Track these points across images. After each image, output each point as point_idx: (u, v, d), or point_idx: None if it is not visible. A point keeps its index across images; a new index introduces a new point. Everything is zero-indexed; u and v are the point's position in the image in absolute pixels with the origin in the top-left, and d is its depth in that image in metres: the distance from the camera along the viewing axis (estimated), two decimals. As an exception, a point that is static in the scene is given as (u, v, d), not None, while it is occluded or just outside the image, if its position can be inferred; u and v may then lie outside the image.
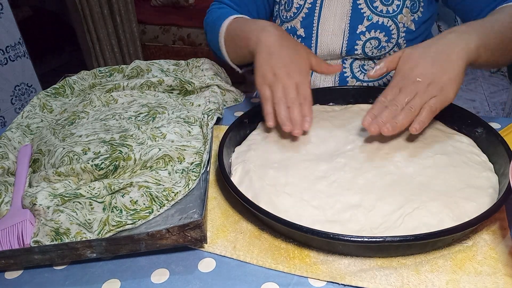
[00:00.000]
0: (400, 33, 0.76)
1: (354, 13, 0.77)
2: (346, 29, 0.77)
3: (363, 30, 0.76)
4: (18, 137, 0.70)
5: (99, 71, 0.88)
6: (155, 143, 0.63)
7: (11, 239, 0.51)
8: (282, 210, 0.50)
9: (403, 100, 0.57)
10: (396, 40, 0.77)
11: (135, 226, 0.53)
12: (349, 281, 0.44)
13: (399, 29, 0.76)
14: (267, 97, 0.63)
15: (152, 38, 2.81)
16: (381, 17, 0.75)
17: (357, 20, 0.76)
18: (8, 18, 1.74)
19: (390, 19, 0.75)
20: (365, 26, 0.76)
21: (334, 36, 0.78)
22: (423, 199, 0.50)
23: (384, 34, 0.76)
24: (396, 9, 0.75)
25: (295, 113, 0.62)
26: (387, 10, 0.75)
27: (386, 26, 0.75)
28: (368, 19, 0.76)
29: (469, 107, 2.30)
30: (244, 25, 0.72)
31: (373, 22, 0.76)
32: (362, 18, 0.76)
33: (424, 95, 0.56)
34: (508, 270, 0.44)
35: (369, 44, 0.77)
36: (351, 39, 0.77)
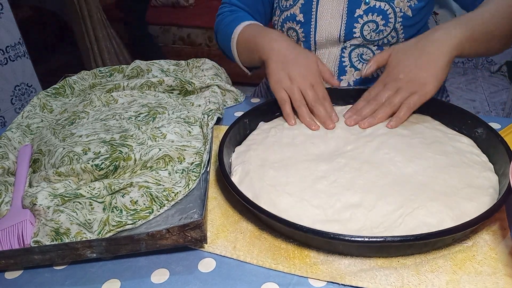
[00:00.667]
0: (397, 18, 0.77)
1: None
2: (344, 12, 0.78)
3: (361, 13, 0.77)
4: (18, 137, 0.70)
5: (99, 71, 0.88)
6: (155, 143, 0.63)
7: (11, 239, 0.51)
8: (282, 210, 0.50)
9: (384, 96, 0.63)
10: (393, 24, 0.77)
11: (135, 226, 0.53)
12: (349, 281, 0.44)
13: (396, 14, 0.77)
14: (285, 99, 0.67)
15: (152, 38, 2.81)
16: (378, 1, 0.76)
17: (354, 4, 0.77)
18: (8, 18, 1.74)
19: (387, 3, 0.76)
20: (363, 9, 0.77)
21: (332, 20, 0.79)
22: (423, 199, 0.50)
23: (382, 17, 0.77)
24: None
25: (321, 110, 0.66)
26: None
27: (383, 10, 0.76)
28: (365, 3, 0.77)
29: (469, 107, 2.30)
30: (256, 33, 0.77)
31: (370, 6, 0.76)
32: (359, 2, 0.77)
33: (404, 92, 0.62)
34: (508, 270, 0.44)
35: (367, 27, 0.77)
36: (349, 22, 0.78)
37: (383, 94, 0.63)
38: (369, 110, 0.63)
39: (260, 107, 0.70)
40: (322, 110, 0.66)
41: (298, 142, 0.62)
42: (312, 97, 0.66)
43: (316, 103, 0.66)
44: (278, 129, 0.66)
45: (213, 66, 0.87)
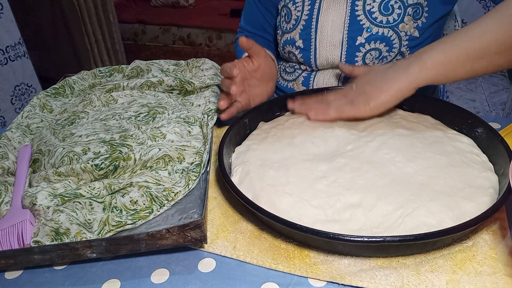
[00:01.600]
0: (403, 42, 0.73)
1: (353, 25, 0.74)
2: (344, 40, 0.76)
3: (363, 41, 0.74)
4: (18, 137, 0.70)
5: (99, 71, 0.88)
6: (155, 143, 0.63)
7: (11, 239, 0.51)
8: (282, 210, 0.50)
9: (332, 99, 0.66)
10: (398, 49, 0.74)
11: (135, 226, 0.53)
12: (349, 281, 0.44)
13: (401, 38, 0.73)
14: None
15: (152, 38, 2.81)
16: (381, 28, 0.73)
17: (356, 32, 0.74)
18: (8, 18, 1.74)
19: (391, 29, 0.72)
20: (365, 37, 0.74)
21: (332, 48, 0.77)
22: (423, 199, 0.50)
23: (385, 44, 0.73)
24: (397, 18, 0.72)
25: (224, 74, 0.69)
26: (387, 20, 0.72)
27: (387, 36, 0.73)
28: (368, 30, 0.73)
29: (469, 107, 2.30)
30: None
31: (372, 34, 0.73)
32: (361, 30, 0.74)
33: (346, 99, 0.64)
34: (508, 270, 0.44)
35: (369, 55, 0.75)
36: (350, 50, 0.76)
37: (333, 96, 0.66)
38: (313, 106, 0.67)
39: (260, 107, 0.70)
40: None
41: (298, 142, 0.62)
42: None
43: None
44: (278, 129, 0.66)
45: (213, 66, 0.87)
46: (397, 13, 0.72)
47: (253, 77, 0.73)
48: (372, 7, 0.73)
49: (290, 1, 0.80)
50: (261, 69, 0.73)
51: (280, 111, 0.72)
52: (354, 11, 0.74)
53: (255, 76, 0.73)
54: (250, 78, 0.72)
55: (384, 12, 0.72)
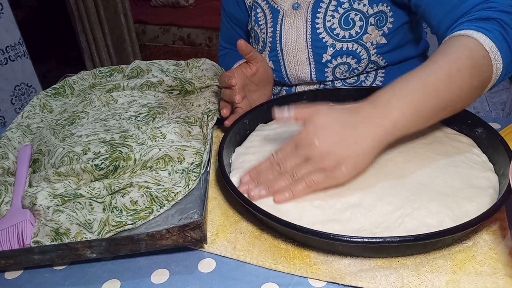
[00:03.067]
0: (371, 52, 0.72)
1: (315, 43, 0.73)
2: (310, 59, 0.75)
3: (329, 58, 0.73)
4: (18, 137, 0.70)
5: (99, 71, 0.88)
6: (155, 143, 0.63)
7: (11, 239, 0.51)
8: (282, 211, 0.50)
9: (290, 164, 0.51)
10: (367, 59, 0.73)
11: (135, 226, 0.53)
12: (349, 281, 0.44)
13: (368, 49, 0.71)
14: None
15: (152, 38, 2.81)
16: (344, 43, 0.71)
17: (320, 49, 0.73)
18: (8, 18, 1.74)
19: (355, 42, 0.71)
20: (330, 54, 0.73)
21: (300, 66, 0.77)
22: (423, 199, 0.50)
23: (352, 57, 0.72)
24: (359, 30, 0.70)
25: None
26: (350, 34, 0.71)
27: (352, 50, 0.71)
28: (331, 47, 0.72)
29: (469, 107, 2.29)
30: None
31: (337, 49, 0.72)
32: (325, 47, 0.73)
33: (312, 164, 0.49)
34: (508, 270, 0.44)
35: (339, 69, 0.74)
36: (318, 68, 0.75)
37: (291, 160, 0.50)
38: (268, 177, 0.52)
39: (260, 107, 0.70)
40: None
41: (298, 142, 0.62)
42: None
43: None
44: (278, 131, 0.66)
45: (213, 66, 0.87)
46: (359, 25, 0.70)
47: (252, 83, 0.73)
48: (332, 23, 0.72)
49: (256, 24, 0.81)
50: (259, 73, 0.73)
51: (280, 111, 0.72)
52: (315, 29, 0.73)
53: (254, 81, 0.73)
54: (249, 83, 0.73)
55: (345, 26, 0.71)
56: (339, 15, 0.71)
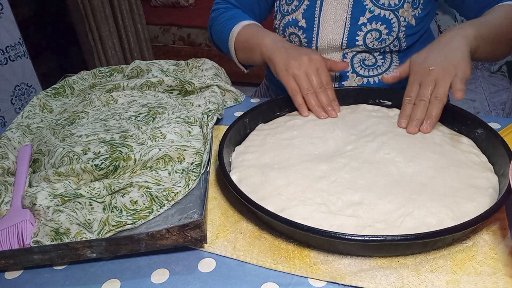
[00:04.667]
0: (401, 27, 0.76)
1: (356, 5, 0.77)
2: (347, 20, 0.78)
3: (365, 21, 0.76)
4: (18, 137, 0.70)
5: (99, 71, 0.88)
6: (155, 143, 0.63)
7: (11, 239, 0.51)
8: (283, 209, 0.50)
9: (427, 93, 0.61)
10: (396, 33, 0.77)
11: (135, 226, 0.53)
12: (349, 281, 0.44)
13: (400, 23, 0.76)
14: (295, 89, 0.69)
15: (152, 38, 2.81)
16: (382, 10, 0.76)
17: (358, 12, 0.77)
18: (8, 18, 1.74)
19: (392, 12, 0.75)
20: (367, 18, 0.76)
21: (335, 27, 0.79)
22: (423, 199, 0.50)
23: (385, 26, 0.76)
24: (398, 3, 0.75)
25: (323, 99, 0.69)
26: (389, 3, 0.75)
27: (388, 18, 0.76)
28: (370, 11, 0.76)
29: (469, 107, 2.30)
30: (257, 33, 0.77)
31: (374, 14, 0.76)
32: (364, 10, 0.76)
33: (444, 80, 0.60)
34: (508, 270, 0.44)
35: (370, 35, 0.77)
36: (352, 30, 0.78)
37: (425, 91, 0.62)
38: (420, 111, 0.62)
39: (260, 107, 0.70)
40: (325, 99, 0.68)
41: (298, 143, 0.62)
42: (316, 83, 0.68)
43: (320, 89, 0.68)
44: (278, 130, 0.66)
45: (213, 66, 0.87)
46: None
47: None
48: None
49: None
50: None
51: (280, 111, 0.72)
52: None
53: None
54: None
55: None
56: None
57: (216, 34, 0.87)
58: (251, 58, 0.80)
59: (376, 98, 0.72)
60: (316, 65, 0.69)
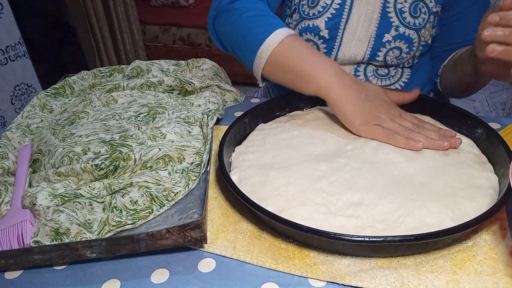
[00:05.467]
0: (419, 46, 0.75)
1: (383, 21, 0.74)
2: (372, 36, 0.75)
3: (389, 39, 0.75)
4: (18, 137, 0.70)
5: (99, 71, 0.88)
6: (155, 143, 0.63)
7: (11, 239, 0.51)
8: (283, 209, 0.50)
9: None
10: (414, 52, 0.76)
11: (135, 226, 0.53)
12: (349, 281, 0.44)
13: (420, 42, 0.75)
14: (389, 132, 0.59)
15: (152, 38, 2.81)
16: (408, 29, 0.74)
17: (384, 28, 0.74)
18: (8, 18, 1.74)
19: (416, 31, 0.74)
20: (392, 35, 0.74)
21: (358, 42, 0.76)
22: (423, 199, 0.50)
23: (407, 45, 0.74)
24: (422, 22, 0.74)
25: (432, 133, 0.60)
26: (414, 22, 0.73)
27: (411, 37, 0.74)
28: (396, 29, 0.74)
29: (469, 107, 2.30)
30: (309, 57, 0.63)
31: (399, 33, 0.74)
32: (390, 27, 0.74)
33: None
34: (508, 270, 0.44)
35: (391, 53, 0.75)
36: (375, 46, 0.76)
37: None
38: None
39: (260, 107, 0.70)
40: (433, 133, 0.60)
41: (298, 143, 0.62)
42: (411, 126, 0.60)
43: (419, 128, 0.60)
44: (278, 130, 0.66)
45: (212, 66, 0.87)
46: (423, 17, 0.74)
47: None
48: (403, 6, 0.74)
49: None
50: None
51: (280, 111, 0.72)
52: (385, 7, 0.74)
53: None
54: None
55: (413, 14, 0.74)
56: (411, 1, 0.74)
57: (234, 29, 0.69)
58: (293, 84, 0.65)
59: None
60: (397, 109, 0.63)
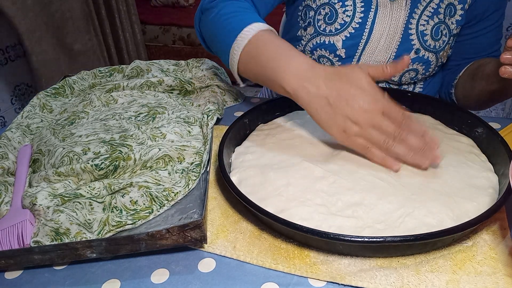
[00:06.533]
0: (436, 67, 0.74)
1: (404, 43, 0.71)
2: (391, 58, 0.72)
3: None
4: (18, 137, 0.70)
5: (99, 71, 0.88)
6: (155, 143, 0.63)
7: (11, 239, 0.51)
8: (283, 210, 0.50)
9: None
10: (430, 73, 0.75)
11: (135, 226, 0.53)
12: (349, 281, 0.44)
13: (437, 64, 0.73)
14: (367, 146, 0.52)
15: (152, 38, 2.81)
16: (428, 52, 0.71)
17: (404, 50, 0.71)
18: (8, 18, 1.74)
19: (434, 54, 0.72)
20: (411, 57, 0.71)
21: (376, 63, 0.73)
22: (423, 199, 0.50)
23: (424, 67, 0.73)
24: (442, 45, 0.72)
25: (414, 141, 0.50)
26: (435, 45, 0.72)
27: (429, 60, 0.72)
28: (416, 52, 0.71)
29: (469, 107, 2.29)
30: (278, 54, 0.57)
31: (419, 56, 0.71)
32: (410, 49, 0.71)
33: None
34: (508, 270, 0.44)
35: (407, 74, 0.73)
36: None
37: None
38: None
39: (260, 107, 0.70)
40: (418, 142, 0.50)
41: (297, 143, 0.62)
42: (392, 130, 0.50)
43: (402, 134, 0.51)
44: (278, 131, 0.66)
45: (212, 66, 0.87)
46: (443, 40, 0.72)
47: None
48: (425, 28, 0.71)
49: (339, 1, 0.70)
50: None
51: (280, 111, 0.72)
52: (408, 28, 0.71)
53: None
54: None
55: (435, 37, 0.71)
56: (433, 23, 0.70)
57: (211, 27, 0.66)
58: (264, 82, 0.61)
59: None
60: (377, 108, 0.50)
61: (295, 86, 0.54)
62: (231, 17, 0.64)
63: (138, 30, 2.42)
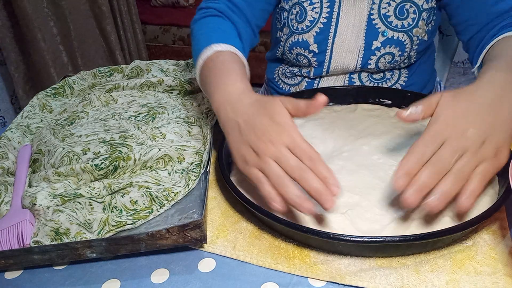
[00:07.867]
0: (413, 46, 0.74)
1: (369, 29, 0.74)
2: (361, 45, 0.75)
3: (378, 45, 0.74)
4: (18, 137, 0.70)
5: (98, 71, 0.88)
6: (155, 143, 0.63)
7: (11, 239, 0.51)
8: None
9: (450, 158, 0.43)
10: (408, 53, 0.75)
11: (135, 226, 0.53)
12: (349, 281, 0.44)
13: (413, 42, 0.73)
14: (260, 178, 0.47)
15: (152, 38, 2.81)
16: (396, 32, 0.73)
17: (372, 36, 0.74)
18: (8, 18, 1.74)
19: (405, 33, 0.72)
20: (380, 41, 0.73)
21: (348, 53, 0.76)
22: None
23: (399, 49, 0.74)
24: (411, 22, 0.72)
25: (313, 181, 0.44)
26: (402, 24, 0.72)
27: (401, 40, 0.73)
28: (383, 34, 0.73)
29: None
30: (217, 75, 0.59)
31: (388, 37, 0.73)
32: (377, 34, 0.73)
33: (476, 156, 0.44)
34: (508, 270, 0.44)
35: (383, 59, 0.75)
36: (366, 55, 0.75)
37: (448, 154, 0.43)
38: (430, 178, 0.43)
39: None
40: (316, 182, 0.44)
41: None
42: (294, 164, 0.45)
43: (303, 171, 0.45)
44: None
45: (213, 66, 0.87)
46: (412, 17, 0.72)
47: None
48: (387, 11, 0.73)
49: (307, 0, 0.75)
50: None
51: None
52: (370, 15, 0.73)
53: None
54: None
55: (400, 16, 0.72)
56: (395, 4, 0.72)
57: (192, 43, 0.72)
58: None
59: (376, 97, 0.72)
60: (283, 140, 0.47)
61: (218, 105, 0.56)
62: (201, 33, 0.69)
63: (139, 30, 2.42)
